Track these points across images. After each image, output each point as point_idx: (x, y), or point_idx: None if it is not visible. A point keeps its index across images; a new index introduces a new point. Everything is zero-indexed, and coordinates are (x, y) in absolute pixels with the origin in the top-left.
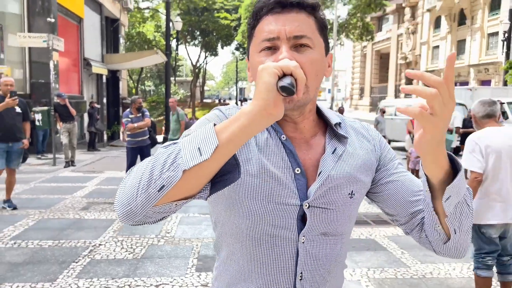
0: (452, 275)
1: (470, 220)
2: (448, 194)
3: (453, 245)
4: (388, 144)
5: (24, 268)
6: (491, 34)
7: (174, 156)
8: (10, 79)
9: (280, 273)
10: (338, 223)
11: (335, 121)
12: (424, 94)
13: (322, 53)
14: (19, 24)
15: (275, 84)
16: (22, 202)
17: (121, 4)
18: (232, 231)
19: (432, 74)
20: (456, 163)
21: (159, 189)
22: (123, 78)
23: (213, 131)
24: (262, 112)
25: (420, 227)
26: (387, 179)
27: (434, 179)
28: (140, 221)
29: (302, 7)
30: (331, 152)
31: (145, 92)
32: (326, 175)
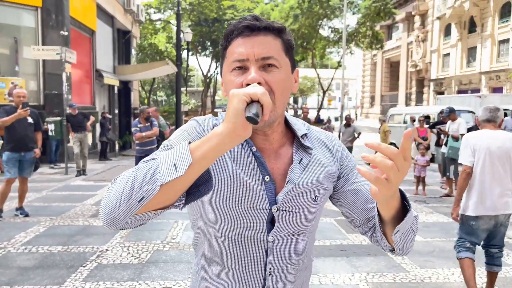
0: (451, 279)
1: (413, 238)
2: (397, 229)
3: (398, 253)
4: (350, 154)
5: (33, 272)
6: (501, 41)
7: (153, 171)
8: (22, 91)
9: (252, 269)
10: (303, 224)
11: (302, 133)
12: (381, 165)
13: (288, 71)
14: (33, 37)
15: (243, 110)
16: (34, 210)
17: (132, 17)
18: (208, 231)
19: (388, 146)
20: (407, 203)
21: (139, 200)
22: (135, 89)
23: (188, 149)
24: (231, 134)
25: (373, 230)
26: (348, 187)
27: (385, 216)
28: (122, 227)
29: (269, 30)
30: (298, 162)
31: (157, 102)
32: (293, 183)
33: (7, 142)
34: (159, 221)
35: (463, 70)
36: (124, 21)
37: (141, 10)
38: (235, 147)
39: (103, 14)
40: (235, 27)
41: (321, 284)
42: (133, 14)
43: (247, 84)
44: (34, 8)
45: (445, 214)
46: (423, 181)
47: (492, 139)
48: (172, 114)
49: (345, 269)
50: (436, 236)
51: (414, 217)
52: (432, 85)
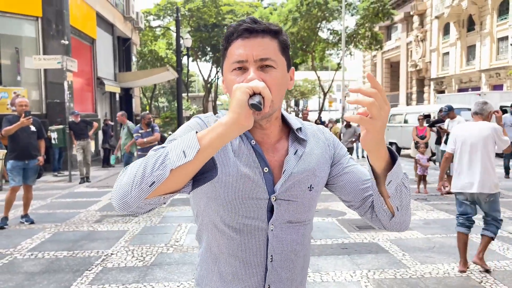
0: (451, 274)
1: (408, 198)
2: (389, 179)
3: (397, 220)
4: (340, 143)
5: (40, 277)
6: (500, 38)
7: (163, 157)
8: (24, 100)
9: (254, 256)
10: (300, 212)
11: (297, 127)
12: (363, 102)
13: (284, 70)
14: (34, 47)
15: (246, 101)
16: (39, 217)
17: (132, 24)
18: (211, 221)
19: (367, 87)
20: (394, 154)
21: (150, 184)
22: (136, 96)
23: (195, 137)
24: (236, 123)
25: (371, 209)
26: (341, 172)
27: (377, 169)
28: (133, 212)
29: (266, 32)
30: (293, 153)
31: (158, 109)
32: (289, 173)
33: (11, 150)
34: (162, 224)
35: (463, 68)
36: (124, 29)
37: (140, 18)
38: (236, 141)
39: (103, 23)
40: (235, 29)
41: (323, 281)
42: (132, 22)
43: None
44: (34, 18)
45: (445, 211)
46: (424, 180)
47: (472, 130)
48: (174, 120)
49: (347, 266)
50: (436, 232)
51: (404, 174)
52: (433, 84)
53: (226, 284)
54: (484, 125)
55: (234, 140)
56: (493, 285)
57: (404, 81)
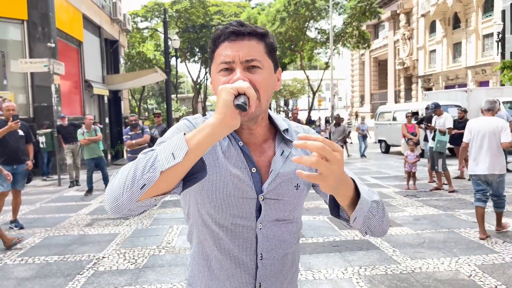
0: (440, 268)
1: (379, 221)
2: (354, 216)
3: (371, 236)
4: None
5: (31, 282)
6: (486, 35)
7: (153, 160)
8: (11, 104)
9: (244, 255)
10: (287, 210)
11: (283, 128)
12: (307, 163)
13: (271, 71)
14: (20, 50)
15: (232, 101)
16: (29, 222)
17: (119, 26)
18: (202, 221)
19: (313, 142)
20: (358, 190)
21: (141, 187)
22: (125, 98)
23: (183, 139)
24: (222, 123)
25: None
26: None
27: (342, 205)
28: (126, 214)
29: (253, 35)
30: (280, 154)
31: (147, 110)
32: (276, 173)
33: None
34: (154, 227)
35: (449, 65)
36: (111, 31)
37: (127, 19)
38: (225, 142)
39: (90, 25)
40: (222, 32)
41: (315, 279)
42: (120, 24)
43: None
44: (20, 21)
45: (434, 207)
46: (414, 176)
47: (483, 123)
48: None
49: (338, 264)
50: (426, 228)
51: (374, 202)
52: (420, 82)
53: (217, 283)
54: (493, 120)
55: (223, 142)
56: (482, 278)
57: (392, 79)
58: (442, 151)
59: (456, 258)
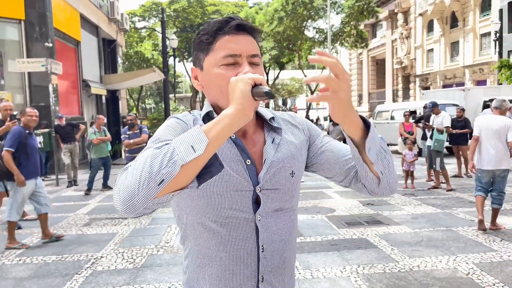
0: (438, 267)
1: (390, 161)
2: (368, 145)
3: (384, 184)
4: (313, 124)
5: (29, 282)
6: (483, 34)
7: (170, 154)
8: (9, 104)
9: (245, 249)
10: (286, 199)
11: (269, 116)
12: (319, 79)
13: (262, 68)
14: (18, 50)
15: (250, 91)
16: (27, 222)
17: (117, 26)
18: (197, 220)
19: (327, 58)
20: (367, 121)
21: (159, 183)
22: (123, 98)
23: (202, 131)
24: (240, 113)
25: (356, 179)
26: (319, 150)
27: (354, 137)
28: (140, 213)
29: (252, 31)
30: (271, 142)
31: (145, 110)
32: (270, 161)
33: None
34: (152, 226)
35: (447, 64)
36: (109, 30)
37: (125, 19)
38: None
39: (87, 24)
40: (223, 24)
41: (314, 278)
42: (117, 23)
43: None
44: (17, 21)
45: (432, 206)
46: (412, 175)
47: (490, 121)
48: (161, 121)
49: (337, 262)
50: (424, 226)
51: (381, 138)
52: (418, 81)
53: (220, 282)
54: (500, 118)
55: None
56: (480, 276)
57: (390, 78)
58: (440, 150)
59: (454, 256)
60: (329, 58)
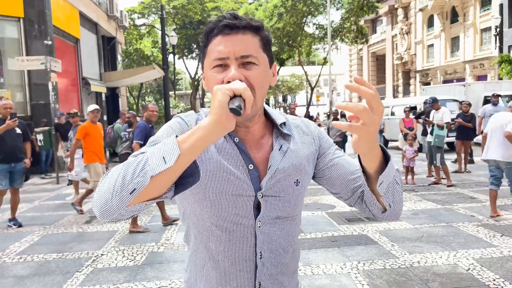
0: (439, 262)
1: (400, 193)
2: (381, 180)
3: (389, 213)
4: (326, 135)
5: (30, 280)
6: (484, 29)
7: (143, 164)
8: (9, 102)
9: (243, 254)
10: (288, 208)
11: (280, 121)
12: (354, 110)
13: (266, 66)
14: (17, 48)
15: (227, 102)
16: (27, 220)
17: (116, 23)
18: (199, 221)
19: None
20: (386, 155)
21: (130, 192)
22: (122, 95)
23: (175, 142)
24: (216, 125)
25: (361, 199)
26: (328, 164)
27: (369, 169)
28: (115, 218)
29: (247, 28)
30: (278, 149)
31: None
32: (275, 169)
33: None
34: (153, 223)
35: (447, 60)
36: (108, 28)
37: (124, 16)
38: (219, 139)
39: (86, 22)
40: (215, 25)
41: (314, 274)
42: (117, 20)
43: (228, 81)
44: (16, 19)
45: (433, 201)
46: (412, 171)
47: (500, 117)
48: (161, 118)
49: (337, 259)
50: (424, 222)
51: (396, 170)
52: (418, 76)
53: (216, 284)
54: (509, 114)
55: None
56: (480, 272)
57: (390, 74)
58: (440, 146)
59: (454, 252)
60: (369, 90)
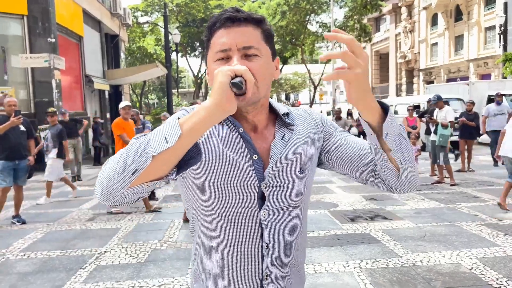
0: (441, 262)
1: (410, 150)
2: (386, 131)
3: (404, 177)
4: (329, 119)
5: (33, 277)
6: (488, 28)
7: (145, 144)
8: (13, 99)
9: (249, 245)
10: (292, 197)
11: (283, 112)
12: (336, 55)
13: (269, 58)
14: (20, 45)
15: (228, 83)
16: (31, 217)
17: (119, 21)
18: (203, 213)
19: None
20: (385, 105)
21: (132, 172)
22: (126, 93)
23: (177, 123)
24: (217, 106)
25: (373, 175)
26: (335, 145)
27: (372, 122)
28: (117, 201)
29: (249, 21)
30: (280, 139)
31: (148, 105)
32: (276, 158)
33: (1, 151)
34: (155, 221)
35: (451, 58)
36: (112, 25)
37: (128, 14)
38: (224, 130)
39: (90, 20)
40: (217, 19)
41: (316, 273)
42: (120, 18)
43: None
44: (20, 16)
45: (436, 200)
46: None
47: None
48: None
49: (340, 257)
50: (427, 221)
51: (400, 125)
52: (422, 75)
53: (223, 276)
54: None
55: (222, 129)
56: (483, 271)
57: (394, 73)
58: (444, 145)
59: (458, 251)
60: (345, 35)
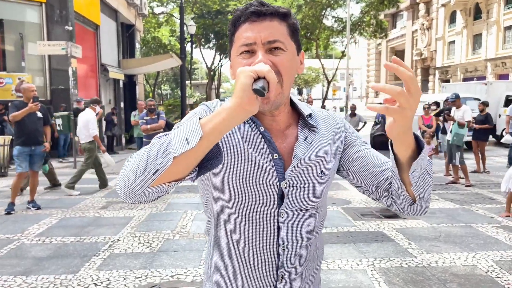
0: (457, 263)
1: (431, 185)
2: (414, 168)
3: (417, 207)
4: (352, 127)
5: (48, 262)
6: (507, 27)
7: (166, 145)
8: (32, 85)
9: (266, 245)
10: (311, 199)
11: (307, 113)
12: (392, 92)
13: (294, 53)
14: (38, 32)
15: (250, 85)
16: (46, 203)
17: (136, 10)
18: (222, 210)
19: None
20: (420, 141)
21: (154, 172)
22: (140, 83)
23: (198, 124)
24: (239, 107)
25: (387, 193)
26: (354, 156)
27: (401, 157)
28: (138, 200)
29: (274, 15)
30: (303, 140)
31: (161, 96)
32: (299, 159)
33: (17, 136)
34: (168, 211)
35: (468, 57)
36: (128, 15)
37: (144, 4)
38: (245, 128)
39: (106, 8)
40: (242, 13)
41: (329, 269)
42: (136, 8)
43: None
44: (38, 3)
45: (451, 201)
46: None
47: None
48: (177, 107)
49: (353, 255)
50: (442, 222)
51: (428, 161)
52: (438, 73)
53: (237, 276)
54: None
55: (243, 127)
56: (500, 274)
57: None
58: (460, 144)
59: (473, 253)
60: (407, 71)
